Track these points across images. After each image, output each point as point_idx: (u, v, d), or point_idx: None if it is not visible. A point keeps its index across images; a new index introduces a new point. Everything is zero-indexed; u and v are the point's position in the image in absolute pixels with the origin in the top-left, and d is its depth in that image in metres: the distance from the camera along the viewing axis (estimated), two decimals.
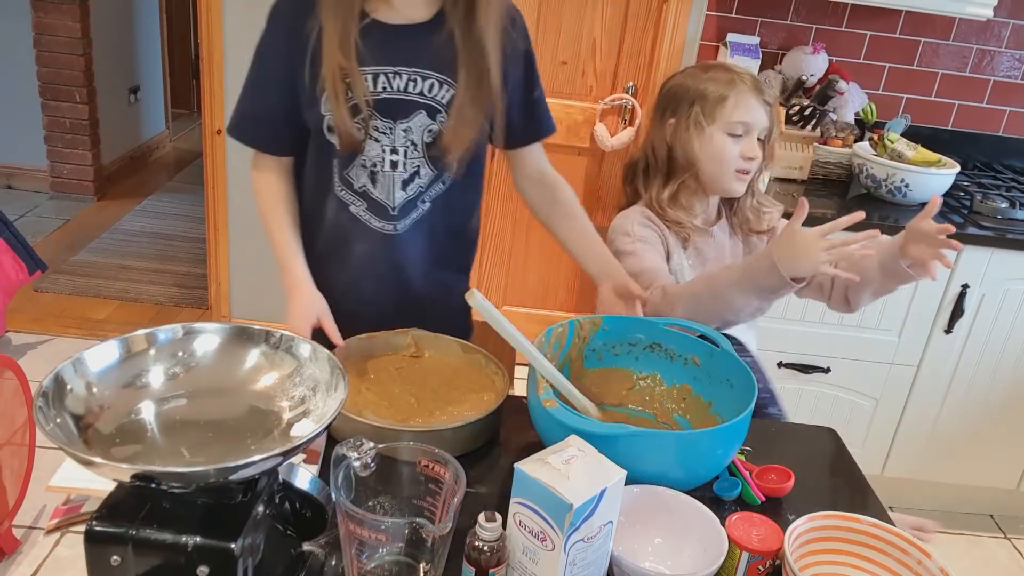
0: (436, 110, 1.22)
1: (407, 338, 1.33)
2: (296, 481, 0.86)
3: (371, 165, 1.25)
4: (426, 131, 1.24)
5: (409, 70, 1.18)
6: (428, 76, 1.19)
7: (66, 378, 0.81)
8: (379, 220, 1.31)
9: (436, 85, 1.20)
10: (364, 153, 1.23)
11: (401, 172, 1.27)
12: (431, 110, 1.22)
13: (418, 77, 1.18)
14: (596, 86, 2.74)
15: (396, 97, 1.19)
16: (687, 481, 1.06)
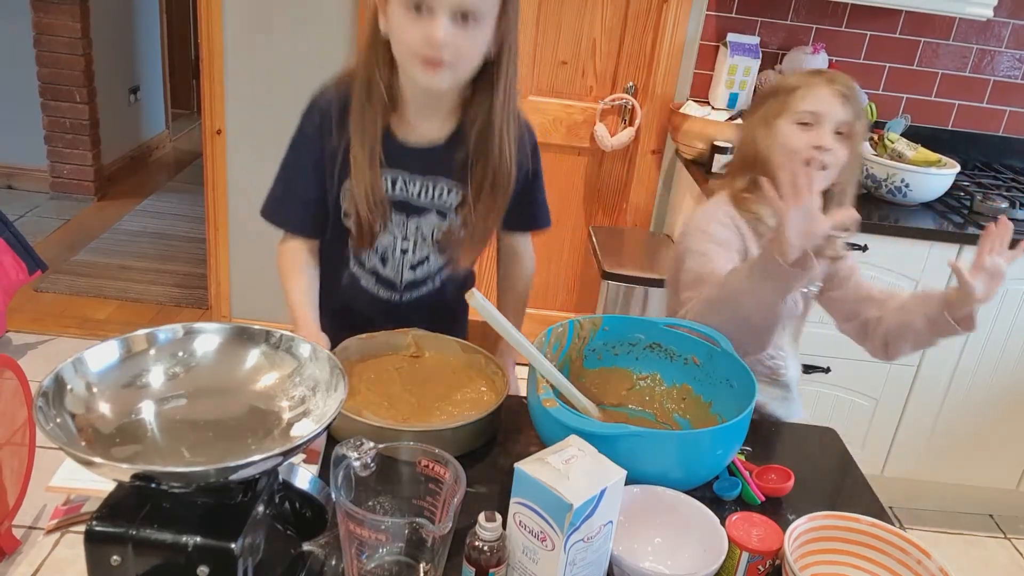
0: (444, 212, 1.33)
1: (407, 338, 1.33)
2: (296, 481, 0.86)
3: (382, 250, 1.35)
4: (436, 228, 1.34)
5: (424, 178, 1.28)
6: (439, 182, 1.29)
7: (66, 378, 0.81)
8: (387, 291, 1.41)
9: (446, 191, 1.30)
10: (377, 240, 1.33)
11: (411, 257, 1.37)
12: (441, 212, 1.33)
13: (430, 184, 1.29)
14: (596, 86, 2.74)
15: (410, 200, 1.30)
16: (687, 481, 1.06)
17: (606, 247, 2.55)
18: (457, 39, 1.11)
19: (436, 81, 1.15)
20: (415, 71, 1.14)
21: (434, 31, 1.09)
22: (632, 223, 2.83)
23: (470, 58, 1.15)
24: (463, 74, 1.17)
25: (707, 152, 2.44)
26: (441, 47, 1.10)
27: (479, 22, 1.12)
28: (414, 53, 1.12)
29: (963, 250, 2.18)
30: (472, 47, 1.14)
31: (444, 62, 1.12)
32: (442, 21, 1.09)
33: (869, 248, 2.17)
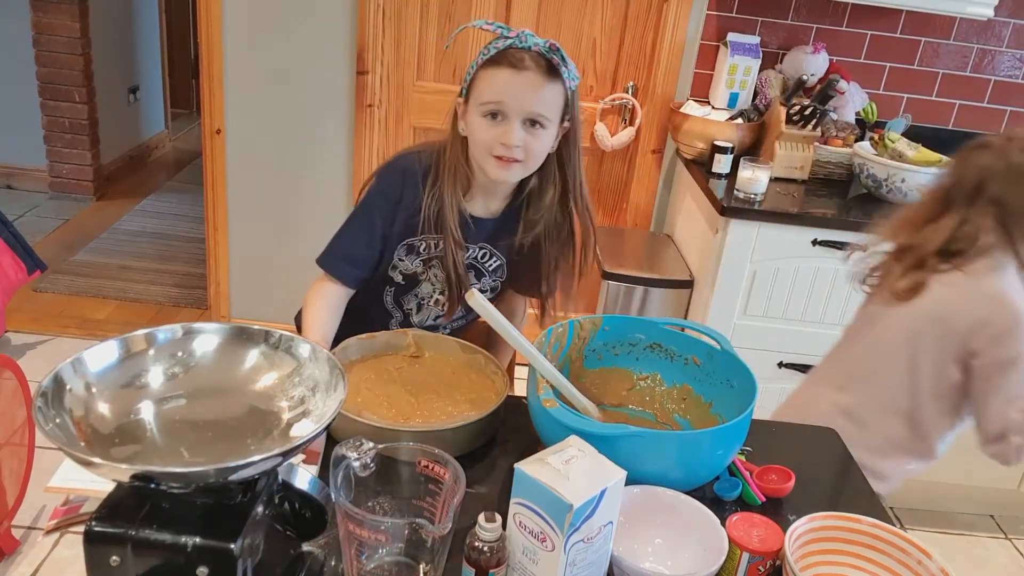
0: (483, 273, 1.49)
1: (407, 338, 1.33)
2: (296, 481, 0.85)
3: (421, 297, 1.50)
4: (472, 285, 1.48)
5: (473, 244, 1.45)
6: (484, 248, 1.46)
7: (65, 378, 0.81)
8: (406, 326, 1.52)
9: (488, 255, 1.47)
10: (418, 288, 1.48)
11: (437, 309, 1.51)
12: (479, 272, 1.49)
13: (476, 248, 1.45)
14: (596, 86, 2.74)
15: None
16: (687, 481, 1.06)
17: (606, 247, 2.55)
18: (527, 141, 1.30)
19: (508, 175, 1.34)
20: (489, 166, 1.32)
21: (508, 135, 1.28)
22: (632, 223, 2.83)
23: (538, 155, 1.33)
24: (531, 169, 1.35)
25: (707, 152, 2.44)
26: (513, 149, 1.29)
27: (545, 128, 1.31)
28: (490, 151, 1.31)
29: None
30: (539, 146, 1.32)
31: (516, 160, 1.31)
32: (515, 126, 1.28)
33: None
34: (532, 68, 1.26)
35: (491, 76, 1.29)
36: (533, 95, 1.27)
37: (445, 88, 2.72)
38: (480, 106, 1.30)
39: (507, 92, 1.27)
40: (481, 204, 1.43)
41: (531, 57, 1.27)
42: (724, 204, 2.15)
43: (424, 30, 2.65)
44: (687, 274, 2.42)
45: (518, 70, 1.26)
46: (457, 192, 1.37)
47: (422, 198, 1.37)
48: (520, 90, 1.27)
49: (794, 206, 2.22)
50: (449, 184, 1.37)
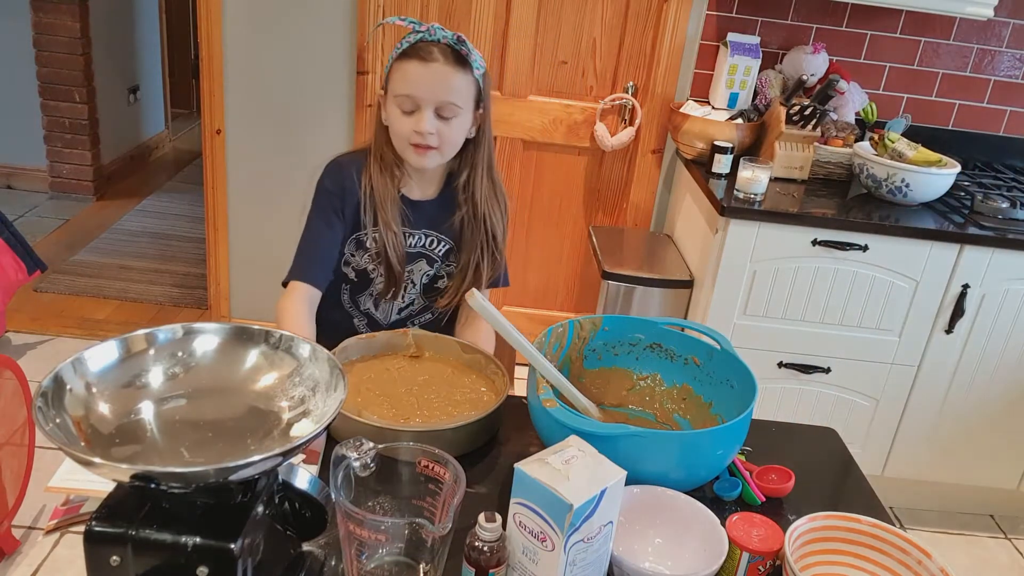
0: (434, 260, 1.53)
1: (407, 338, 1.33)
2: (296, 481, 0.85)
3: (375, 295, 1.54)
4: (424, 275, 1.54)
5: (418, 231, 1.50)
6: (430, 235, 1.51)
7: (66, 378, 0.81)
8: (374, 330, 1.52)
9: (436, 241, 1.51)
10: (372, 286, 1.53)
11: (399, 302, 1.56)
12: (430, 260, 1.53)
13: (423, 235, 1.50)
14: (596, 86, 2.74)
15: (408, 251, 1.50)
16: (687, 481, 1.06)
17: (606, 247, 2.55)
18: (441, 129, 1.38)
19: (425, 162, 1.41)
20: (408, 154, 1.41)
21: (421, 124, 1.36)
22: (632, 223, 2.83)
23: (453, 142, 1.42)
24: (448, 155, 1.43)
25: (707, 152, 2.44)
26: (427, 136, 1.37)
27: (458, 116, 1.39)
28: (407, 140, 1.39)
29: (963, 250, 2.18)
30: (453, 133, 1.40)
31: (431, 147, 1.38)
32: (427, 115, 1.36)
33: (869, 248, 2.17)
34: (440, 60, 1.35)
35: (403, 69, 1.36)
36: (443, 85, 1.35)
37: None
38: (395, 98, 1.38)
39: (418, 84, 1.35)
40: (417, 188, 1.50)
41: (439, 49, 1.35)
42: (724, 204, 2.15)
43: None
44: (687, 274, 2.42)
45: (427, 62, 1.35)
46: (386, 178, 1.44)
47: (359, 190, 1.45)
48: (430, 81, 1.35)
49: (794, 206, 2.22)
50: (378, 172, 1.45)
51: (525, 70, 2.70)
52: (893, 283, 2.22)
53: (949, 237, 2.16)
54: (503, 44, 2.67)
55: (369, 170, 1.45)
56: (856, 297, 2.24)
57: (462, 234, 1.51)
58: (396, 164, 1.46)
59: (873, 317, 2.26)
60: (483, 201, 1.49)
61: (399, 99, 1.37)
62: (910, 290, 2.23)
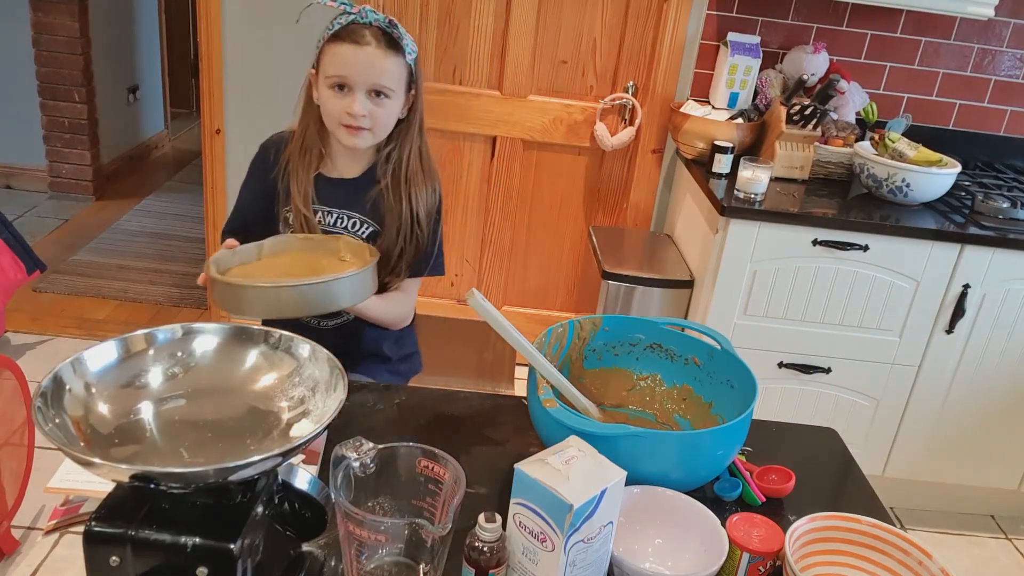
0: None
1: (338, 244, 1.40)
2: (295, 481, 0.85)
3: None
4: None
5: (339, 211, 1.49)
6: (353, 216, 1.49)
7: (65, 378, 0.81)
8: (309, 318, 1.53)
9: (359, 223, 1.49)
10: None
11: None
12: None
13: (345, 216, 1.49)
14: (596, 85, 2.73)
15: (328, 230, 1.49)
16: (688, 482, 1.05)
17: (606, 247, 2.55)
18: (373, 110, 1.38)
19: (358, 142, 1.42)
20: (340, 134, 1.41)
21: (353, 106, 1.37)
22: (632, 223, 2.83)
23: (385, 123, 1.42)
24: (380, 136, 1.44)
25: (708, 152, 2.43)
26: (359, 118, 1.37)
27: (391, 97, 1.40)
28: (339, 121, 1.39)
29: (964, 250, 2.18)
30: (385, 115, 1.41)
31: (363, 128, 1.39)
32: (359, 97, 1.37)
33: (870, 248, 2.17)
34: (372, 43, 1.36)
35: (335, 51, 1.37)
36: (375, 68, 1.36)
37: (445, 88, 2.71)
38: (327, 79, 1.38)
39: (350, 66, 1.36)
40: (341, 167, 1.50)
41: (371, 32, 1.36)
42: (724, 204, 2.15)
43: (424, 30, 2.65)
44: (687, 274, 2.42)
45: (359, 45, 1.36)
46: (304, 156, 1.46)
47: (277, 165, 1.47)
48: (362, 63, 1.36)
49: (794, 206, 2.22)
50: (298, 148, 1.46)
51: (525, 70, 2.69)
52: (894, 283, 2.22)
53: (950, 237, 2.16)
54: (503, 44, 2.67)
55: (290, 148, 1.47)
56: (856, 297, 2.24)
57: (385, 217, 1.49)
58: (322, 143, 1.47)
59: (874, 317, 2.26)
60: (407, 181, 1.48)
61: (331, 80, 1.38)
62: (911, 290, 2.23)
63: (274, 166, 1.48)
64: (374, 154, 1.50)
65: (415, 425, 1.25)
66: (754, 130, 2.46)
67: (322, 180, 1.49)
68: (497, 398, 1.38)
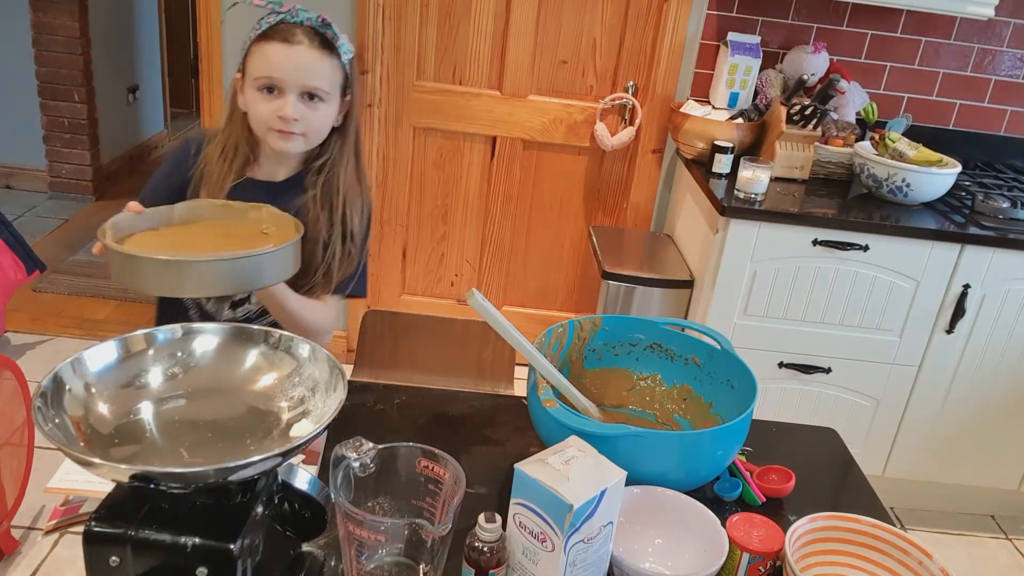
0: None
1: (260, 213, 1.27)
2: (295, 482, 0.85)
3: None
4: None
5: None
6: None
7: (65, 378, 0.81)
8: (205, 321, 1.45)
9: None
10: None
11: (231, 297, 1.44)
12: None
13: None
14: (596, 85, 2.73)
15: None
16: (688, 482, 1.05)
17: (606, 247, 2.55)
18: (306, 114, 1.30)
19: (289, 147, 1.33)
20: (270, 139, 1.32)
21: (285, 109, 1.28)
22: (632, 223, 2.83)
23: (319, 128, 1.34)
24: (314, 142, 1.36)
25: (708, 152, 2.43)
26: (291, 122, 1.29)
27: (325, 101, 1.32)
28: (269, 125, 1.30)
29: (964, 250, 2.18)
30: (319, 119, 1.33)
31: (295, 132, 1.31)
32: (291, 100, 1.29)
33: (870, 248, 2.17)
34: (305, 42, 1.28)
35: (264, 51, 1.29)
36: (308, 68, 1.29)
37: (445, 88, 2.71)
38: (255, 81, 1.30)
39: (281, 67, 1.28)
40: (267, 170, 1.41)
41: (303, 31, 1.29)
42: (724, 204, 2.15)
43: (424, 30, 2.65)
44: (687, 274, 2.42)
45: (290, 44, 1.28)
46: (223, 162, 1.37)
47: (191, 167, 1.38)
48: (294, 64, 1.28)
49: (794, 206, 2.22)
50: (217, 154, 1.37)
51: (525, 70, 2.69)
52: (894, 283, 2.22)
53: (950, 237, 2.16)
54: (503, 44, 2.67)
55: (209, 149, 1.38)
56: (857, 297, 2.24)
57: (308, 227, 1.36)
58: (249, 148, 1.38)
59: (874, 317, 2.26)
60: (341, 196, 1.39)
61: (259, 82, 1.29)
62: (911, 290, 2.23)
63: (194, 161, 1.38)
64: (302, 159, 1.41)
65: (415, 425, 1.25)
66: (754, 130, 2.46)
67: (246, 181, 1.39)
68: (497, 398, 1.38)
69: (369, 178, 1.47)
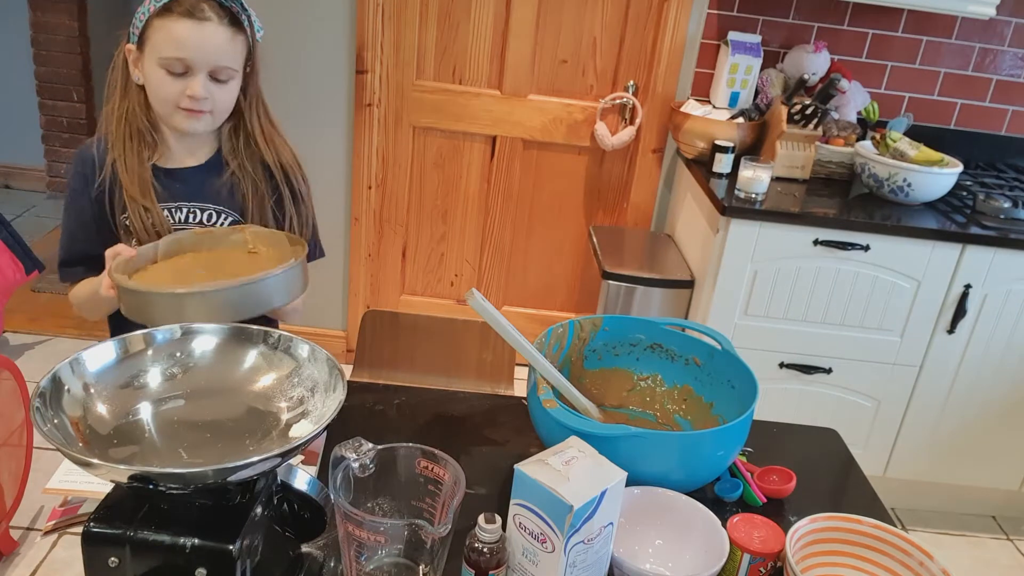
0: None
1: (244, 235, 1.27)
2: (295, 482, 0.85)
3: None
4: None
5: (189, 204, 1.34)
6: (207, 208, 1.35)
7: (64, 379, 0.81)
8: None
9: (215, 215, 1.36)
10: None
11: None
12: None
13: (197, 209, 1.35)
14: (596, 85, 2.73)
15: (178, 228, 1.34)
16: (688, 482, 1.05)
17: (606, 247, 2.55)
18: (214, 92, 1.27)
19: (198, 127, 1.29)
20: (176, 119, 1.28)
21: (195, 88, 1.25)
22: (633, 223, 2.83)
23: (227, 105, 1.31)
24: (220, 120, 1.33)
25: (708, 151, 2.43)
26: (201, 101, 1.26)
27: (233, 78, 1.30)
28: (176, 104, 1.26)
29: (965, 250, 2.17)
30: (227, 96, 1.30)
31: (204, 111, 1.27)
32: (201, 79, 1.25)
33: (871, 248, 2.17)
34: (214, 19, 1.24)
35: (170, 27, 1.23)
36: (218, 48, 1.25)
37: (445, 87, 2.71)
38: (160, 59, 1.24)
39: (190, 46, 1.22)
40: (179, 156, 1.35)
41: (210, 7, 1.24)
42: (725, 204, 2.15)
43: (423, 29, 2.65)
44: (688, 274, 2.42)
45: (199, 20, 1.23)
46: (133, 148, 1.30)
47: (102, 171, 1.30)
48: (204, 43, 1.23)
49: (795, 206, 2.21)
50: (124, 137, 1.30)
51: (525, 69, 2.69)
52: (895, 283, 2.22)
53: (951, 237, 2.16)
54: (503, 44, 2.66)
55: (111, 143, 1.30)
56: (858, 297, 2.24)
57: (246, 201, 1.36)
58: (150, 131, 1.32)
59: (875, 317, 2.26)
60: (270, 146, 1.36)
61: (167, 61, 1.23)
62: (912, 290, 2.23)
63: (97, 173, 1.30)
64: (215, 137, 1.37)
65: (415, 425, 1.25)
66: (755, 130, 2.46)
67: (160, 172, 1.32)
68: (497, 398, 1.37)
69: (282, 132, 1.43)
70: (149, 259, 1.23)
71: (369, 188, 2.77)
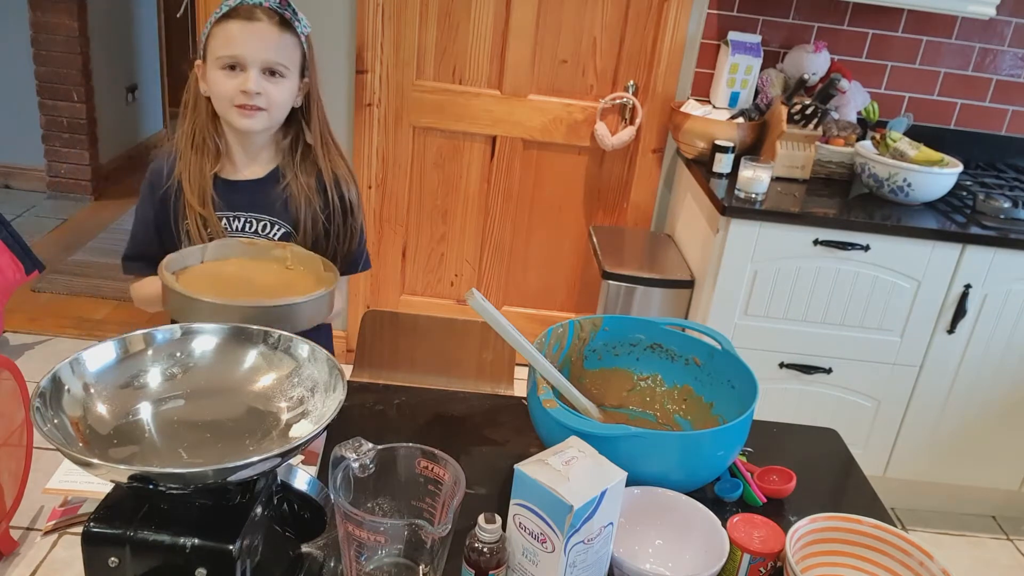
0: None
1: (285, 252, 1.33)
2: (295, 482, 0.85)
3: None
4: None
5: (246, 214, 1.42)
6: (262, 219, 1.43)
7: (64, 379, 0.80)
8: None
9: (269, 225, 1.43)
10: None
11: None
12: None
13: (253, 219, 1.42)
14: (596, 85, 2.73)
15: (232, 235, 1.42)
16: (688, 482, 1.05)
17: (606, 247, 2.55)
18: (268, 89, 1.33)
19: (252, 124, 1.35)
20: (233, 116, 1.35)
21: (247, 83, 1.32)
22: (633, 223, 2.83)
23: (280, 104, 1.37)
24: (276, 117, 1.38)
25: (708, 151, 2.43)
26: (253, 95, 1.32)
27: (285, 76, 1.36)
28: (232, 101, 1.33)
29: (966, 250, 2.17)
30: (280, 94, 1.36)
31: (258, 107, 1.34)
32: (253, 74, 1.32)
33: (871, 248, 2.17)
34: (264, 19, 1.33)
35: (225, 30, 1.32)
36: (268, 44, 1.33)
37: (445, 87, 2.71)
38: (217, 60, 1.33)
39: (242, 43, 1.31)
40: (241, 168, 1.44)
41: (262, 10, 1.33)
42: (725, 204, 2.15)
43: (423, 29, 2.64)
44: (688, 274, 2.42)
45: (250, 21, 1.32)
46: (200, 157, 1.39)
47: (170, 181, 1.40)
48: (255, 40, 1.32)
49: (795, 206, 2.21)
50: (191, 151, 1.39)
51: (525, 69, 2.69)
52: (895, 283, 2.22)
53: (951, 237, 2.16)
54: (503, 44, 2.66)
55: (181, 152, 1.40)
56: (858, 297, 2.24)
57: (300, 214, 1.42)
58: (216, 139, 1.41)
59: (875, 317, 2.26)
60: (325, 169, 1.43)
61: (222, 60, 1.32)
62: (912, 290, 2.23)
63: (166, 181, 1.40)
64: (276, 150, 1.45)
65: (415, 425, 1.25)
66: (755, 130, 2.46)
67: (221, 183, 1.41)
68: (497, 398, 1.37)
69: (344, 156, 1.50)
70: (197, 259, 1.30)
71: (369, 188, 2.77)
